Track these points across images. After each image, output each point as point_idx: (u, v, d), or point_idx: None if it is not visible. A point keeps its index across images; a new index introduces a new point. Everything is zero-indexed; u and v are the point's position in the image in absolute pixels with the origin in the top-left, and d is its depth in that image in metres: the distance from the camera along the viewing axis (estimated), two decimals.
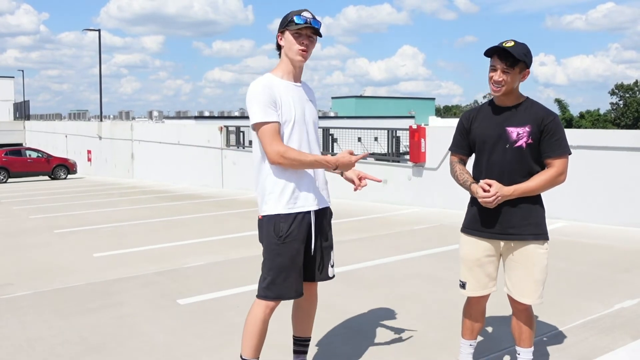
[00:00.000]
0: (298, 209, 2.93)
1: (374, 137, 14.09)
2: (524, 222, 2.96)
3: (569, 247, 7.13)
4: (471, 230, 3.08)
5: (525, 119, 2.95)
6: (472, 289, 3.11)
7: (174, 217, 11.03)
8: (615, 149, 8.61)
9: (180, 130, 21.78)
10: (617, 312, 4.46)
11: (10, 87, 56.69)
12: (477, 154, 3.10)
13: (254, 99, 2.88)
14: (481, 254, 3.05)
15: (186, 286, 5.59)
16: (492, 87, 2.95)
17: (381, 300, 4.92)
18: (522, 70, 2.94)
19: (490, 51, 2.93)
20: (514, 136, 2.94)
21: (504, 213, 2.96)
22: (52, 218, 11.41)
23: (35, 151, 28.60)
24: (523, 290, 3.02)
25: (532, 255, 2.98)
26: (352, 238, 8.06)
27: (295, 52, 2.92)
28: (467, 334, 3.28)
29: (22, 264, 7.03)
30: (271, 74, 2.99)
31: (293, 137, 2.93)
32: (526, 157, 2.94)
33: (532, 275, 2.99)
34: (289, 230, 2.89)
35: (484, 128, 3.04)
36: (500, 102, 3.03)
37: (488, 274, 3.08)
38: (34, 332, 4.34)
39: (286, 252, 2.90)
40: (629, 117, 62.70)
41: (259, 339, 2.96)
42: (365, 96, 52.75)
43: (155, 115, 39.67)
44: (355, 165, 2.99)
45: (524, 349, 3.14)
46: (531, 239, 2.97)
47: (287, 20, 2.93)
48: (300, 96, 3.01)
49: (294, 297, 2.98)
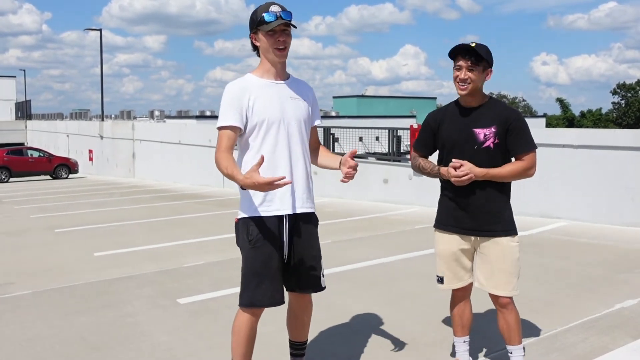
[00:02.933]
0: (271, 212, 2.82)
1: (375, 137, 14.09)
2: (496, 220, 3.07)
3: (569, 247, 7.12)
4: (445, 226, 3.18)
5: (491, 119, 3.04)
6: (449, 282, 3.22)
7: (174, 216, 11.04)
8: (617, 149, 8.60)
9: (181, 129, 21.79)
10: (617, 312, 4.45)
11: (12, 87, 56.74)
12: (445, 155, 3.17)
13: (221, 102, 2.84)
14: (456, 247, 3.16)
15: (186, 285, 5.60)
16: (459, 87, 3.04)
17: (381, 300, 4.92)
18: (485, 69, 3.04)
19: (455, 51, 3.04)
20: (481, 137, 3.03)
21: (476, 211, 3.06)
22: (53, 217, 11.43)
23: (36, 151, 28.62)
24: (497, 283, 3.08)
25: (504, 248, 3.07)
26: (353, 237, 8.06)
27: (273, 52, 2.81)
28: (459, 330, 3.35)
29: (22, 263, 7.04)
30: (251, 74, 2.91)
31: (268, 137, 2.82)
32: (495, 156, 3.03)
33: (504, 267, 3.06)
34: (259, 234, 2.80)
35: (451, 130, 3.13)
36: (466, 103, 3.12)
37: (463, 266, 3.19)
38: (34, 331, 4.35)
39: (257, 256, 2.80)
40: (631, 117, 62.55)
41: (245, 347, 2.90)
42: (367, 96, 52.69)
43: (157, 114, 39.63)
44: (261, 186, 2.50)
45: (514, 346, 3.17)
46: (503, 234, 3.07)
47: (257, 19, 2.78)
48: (280, 94, 2.88)
49: (268, 304, 2.84)
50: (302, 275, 2.92)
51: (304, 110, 2.95)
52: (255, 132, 2.83)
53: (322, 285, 3.00)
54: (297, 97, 2.93)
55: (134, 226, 9.90)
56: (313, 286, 2.97)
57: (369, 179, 12.56)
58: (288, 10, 2.79)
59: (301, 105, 2.93)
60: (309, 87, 3.08)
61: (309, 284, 2.96)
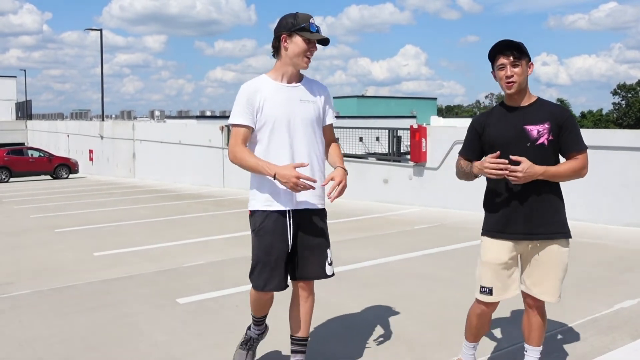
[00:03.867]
0: (275, 207, 3.04)
1: (376, 137, 14.08)
2: (552, 220, 2.94)
3: (570, 247, 7.11)
4: (496, 233, 2.99)
5: (542, 116, 2.91)
6: (499, 294, 3.00)
7: (174, 216, 11.04)
8: (617, 149, 8.59)
9: (181, 129, 21.80)
10: (617, 312, 4.45)
11: (12, 87, 56.72)
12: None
13: (235, 100, 3.06)
14: (507, 256, 2.97)
15: (186, 285, 5.59)
16: (505, 86, 2.91)
17: (380, 300, 4.91)
18: (527, 63, 2.93)
19: (494, 50, 2.92)
20: (535, 134, 2.90)
21: (531, 212, 2.92)
22: (53, 217, 11.43)
23: (37, 151, 28.64)
24: (547, 289, 2.98)
25: (557, 254, 2.97)
26: (353, 237, 8.05)
27: (302, 58, 2.99)
28: (472, 337, 3.24)
29: (22, 263, 7.04)
30: (266, 75, 3.09)
31: (273, 136, 3.02)
32: (548, 154, 2.90)
33: (556, 273, 2.97)
34: (261, 225, 3.05)
35: (500, 129, 2.96)
36: (513, 102, 2.98)
37: (513, 276, 3.02)
38: (34, 331, 4.34)
39: (260, 244, 3.06)
40: (632, 117, 62.55)
41: (255, 306, 3.30)
42: (367, 96, 52.72)
43: (157, 114, 39.64)
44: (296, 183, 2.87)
45: (532, 347, 3.10)
46: (559, 237, 2.96)
47: (299, 24, 2.94)
48: (290, 97, 3.05)
49: (264, 290, 3.09)
50: (305, 263, 3.09)
51: (313, 111, 3.10)
52: (262, 130, 3.04)
53: (327, 273, 3.13)
54: (307, 100, 3.10)
55: (133, 226, 9.90)
56: (316, 274, 3.12)
57: (368, 179, 12.55)
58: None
59: (310, 107, 3.09)
60: (323, 88, 3.22)
61: (310, 272, 3.11)
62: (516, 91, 2.92)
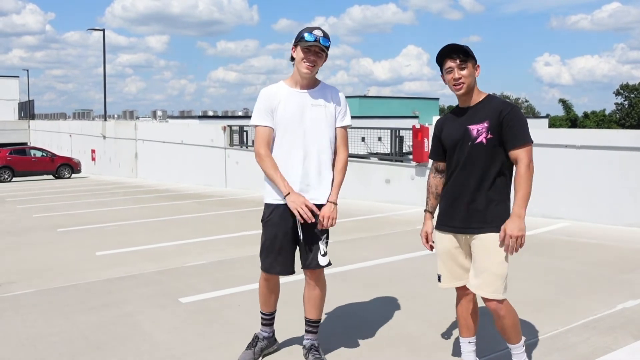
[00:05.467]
0: (280, 201, 3.37)
1: (378, 137, 14.09)
2: (482, 216, 3.03)
3: (571, 247, 7.11)
4: (440, 225, 3.22)
5: (483, 115, 3.04)
6: (446, 280, 3.24)
7: (176, 216, 11.06)
8: (619, 149, 8.58)
9: (184, 129, 21.82)
10: (619, 312, 4.44)
11: (15, 87, 56.79)
12: (448, 156, 3.19)
13: (256, 103, 3.42)
14: (451, 246, 3.16)
15: (188, 285, 5.60)
16: (454, 88, 3.07)
17: (382, 299, 4.92)
18: (474, 65, 3.06)
19: (442, 55, 3.06)
20: (474, 133, 3.03)
21: (464, 209, 3.06)
22: (56, 217, 11.45)
23: (39, 150, 28.70)
24: (481, 283, 3.03)
25: (491, 246, 3.00)
26: (355, 237, 8.06)
27: (303, 66, 3.32)
28: (464, 331, 3.32)
29: (24, 262, 7.05)
30: (283, 82, 3.47)
31: (284, 139, 3.38)
32: (489, 152, 3.01)
33: (489, 267, 3.00)
34: (269, 217, 3.43)
35: (450, 130, 3.17)
36: (463, 103, 3.15)
37: (461, 265, 3.17)
38: (36, 330, 4.35)
39: (266, 233, 3.45)
40: (634, 118, 62.40)
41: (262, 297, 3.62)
42: (369, 96, 52.69)
43: (159, 114, 39.69)
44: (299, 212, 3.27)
45: (513, 345, 3.17)
46: (494, 231, 3.00)
47: (300, 35, 3.32)
48: (302, 102, 3.38)
49: (268, 272, 3.48)
50: (306, 254, 3.43)
51: (324, 115, 3.41)
52: (277, 130, 3.39)
53: (319, 263, 3.40)
54: (319, 104, 3.41)
55: (136, 226, 9.92)
56: (312, 264, 3.41)
57: (371, 179, 12.56)
58: (328, 38, 3.32)
59: (321, 111, 3.41)
60: (336, 93, 3.51)
61: (308, 262, 3.43)
62: (465, 92, 3.07)
